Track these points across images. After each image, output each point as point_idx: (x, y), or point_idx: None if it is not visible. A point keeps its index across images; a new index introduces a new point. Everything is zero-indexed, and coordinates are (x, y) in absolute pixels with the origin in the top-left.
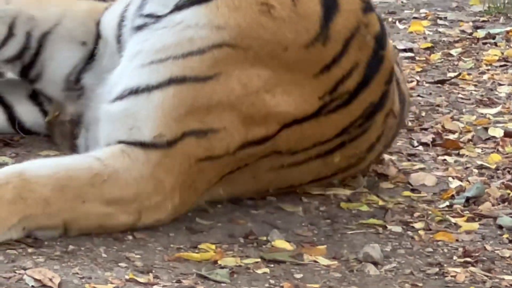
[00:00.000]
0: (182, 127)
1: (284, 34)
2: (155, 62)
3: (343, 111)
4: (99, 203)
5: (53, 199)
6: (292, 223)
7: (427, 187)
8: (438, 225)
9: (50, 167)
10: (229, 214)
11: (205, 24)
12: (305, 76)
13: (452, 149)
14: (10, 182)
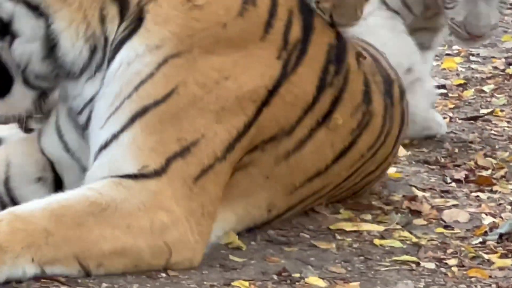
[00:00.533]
0: (163, 154)
1: (216, 14)
2: (113, 113)
3: (306, 60)
4: (109, 230)
5: (53, 229)
6: (326, 260)
7: (460, 224)
8: (471, 261)
9: (40, 203)
10: (262, 251)
11: (144, 50)
12: (253, 43)
13: (485, 185)
14: (2, 220)
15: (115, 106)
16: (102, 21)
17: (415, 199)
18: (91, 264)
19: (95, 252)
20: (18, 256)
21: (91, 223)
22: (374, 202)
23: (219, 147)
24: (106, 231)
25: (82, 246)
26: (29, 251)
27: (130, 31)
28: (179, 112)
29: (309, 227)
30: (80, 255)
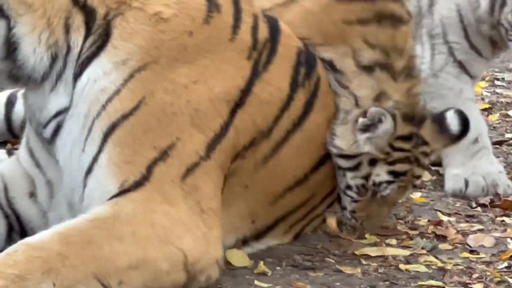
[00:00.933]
0: (141, 163)
1: (182, 24)
2: (87, 136)
3: (277, 59)
4: (117, 244)
5: (66, 251)
6: (351, 285)
7: (485, 248)
8: (496, 286)
9: (47, 231)
10: (287, 276)
11: (111, 68)
12: (221, 46)
13: (510, 210)
14: (17, 250)
15: (87, 128)
16: (66, 30)
17: (440, 223)
18: (112, 282)
19: (112, 269)
20: (40, 282)
21: (98, 238)
22: (399, 227)
23: (199, 147)
24: (115, 245)
25: (98, 264)
26: (49, 276)
27: (97, 47)
28: (150, 121)
29: (334, 252)
30: (98, 273)
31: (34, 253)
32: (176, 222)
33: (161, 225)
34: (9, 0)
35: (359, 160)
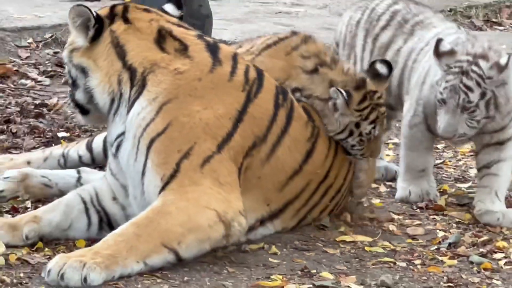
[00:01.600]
0: (172, 162)
1: (193, 74)
2: (136, 150)
3: (263, 90)
4: (170, 220)
5: (139, 231)
6: (333, 261)
7: (422, 236)
8: (430, 261)
9: (126, 223)
10: (290, 255)
11: (147, 104)
12: (223, 84)
13: (439, 211)
14: (108, 238)
15: (136, 144)
16: (119, 83)
17: (392, 220)
18: (174, 245)
19: (171, 235)
20: (126, 258)
21: (156, 218)
22: (365, 222)
23: (211, 146)
24: (168, 220)
25: (161, 235)
26: (131, 252)
27: (138, 93)
28: (175, 135)
29: (322, 239)
30: (163, 241)
31: (119, 238)
32: (203, 194)
33: (193, 198)
34: (90, 64)
35: (348, 129)
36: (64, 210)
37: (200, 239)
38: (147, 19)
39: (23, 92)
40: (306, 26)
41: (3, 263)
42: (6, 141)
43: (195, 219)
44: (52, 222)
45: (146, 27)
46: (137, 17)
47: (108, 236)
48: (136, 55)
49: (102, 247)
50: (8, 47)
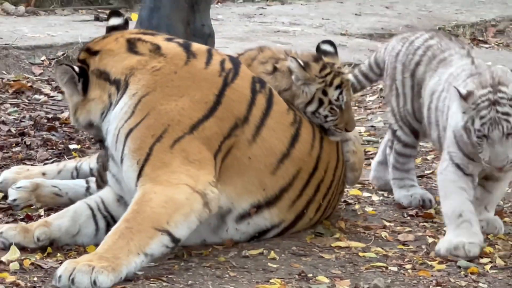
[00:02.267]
0: (145, 147)
1: (169, 68)
2: (116, 139)
3: (239, 78)
4: (152, 203)
5: (129, 225)
6: (328, 266)
7: (413, 242)
8: (420, 266)
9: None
10: (288, 260)
11: (128, 99)
12: (198, 73)
13: (428, 218)
14: (106, 240)
15: (117, 135)
16: (109, 96)
17: (384, 227)
18: (164, 225)
19: (158, 217)
20: (128, 254)
21: (141, 207)
22: (359, 229)
23: (184, 128)
24: (150, 204)
25: (149, 220)
26: (129, 246)
27: (121, 94)
28: (151, 122)
29: (318, 245)
30: (153, 225)
31: (114, 236)
32: (173, 172)
33: (165, 179)
34: (88, 111)
35: (317, 98)
36: (72, 216)
37: (184, 213)
38: (113, 40)
39: (37, 107)
40: (302, 44)
41: (18, 268)
42: (20, 152)
43: (173, 197)
44: (61, 228)
45: (114, 45)
46: (102, 44)
47: (106, 238)
48: (116, 69)
49: (103, 250)
50: (22, 64)
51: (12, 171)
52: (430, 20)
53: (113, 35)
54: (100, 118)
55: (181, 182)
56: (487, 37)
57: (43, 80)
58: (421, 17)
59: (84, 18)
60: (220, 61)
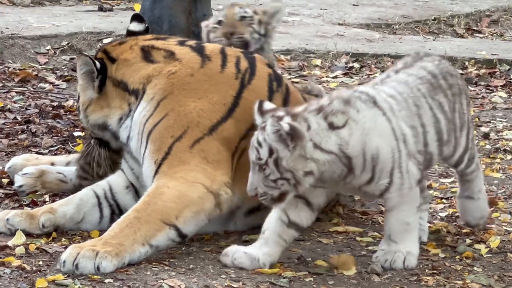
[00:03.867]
0: (164, 147)
1: (185, 71)
2: (139, 141)
3: (256, 78)
4: (164, 197)
5: (138, 214)
6: (327, 250)
7: None
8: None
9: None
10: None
11: (146, 104)
12: (215, 76)
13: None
14: (114, 227)
15: (140, 137)
16: (129, 105)
17: (381, 212)
18: (172, 219)
19: (168, 211)
20: (133, 243)
21: (152, 199)
22: (356, 214)
23: (203, 129)
24: (162, 198)
25: (159, 213)
26: (135, 235)
27: (139, 100)
28: (170, 123)
29: (317, 230)
30: (162, 218)
31: (123, 224)
32: (190, 171)
33: (181, 176)
34: (104, 114)
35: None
36: (77, 203)
37: (195, 211)
38: (127, 48)
39: (42, 95)
40: (301, 34)
41: (24, 252)
42: (26, 139)
43: (186, 194)
44: (66, 214)
45: (129, 54)
46: (118, 51)
47: (114, 225)
48: (134, 79)
49: (109, 236)
50: (28, 53)
51: (21, 158)
52: (426, 10)
53: (128, 42)
54: (118, 124)
55: (197, 180)
56: (481, 27)
57: (48, 69)
58: (417, 7)
59: (88, 8)
60: (235, 62)
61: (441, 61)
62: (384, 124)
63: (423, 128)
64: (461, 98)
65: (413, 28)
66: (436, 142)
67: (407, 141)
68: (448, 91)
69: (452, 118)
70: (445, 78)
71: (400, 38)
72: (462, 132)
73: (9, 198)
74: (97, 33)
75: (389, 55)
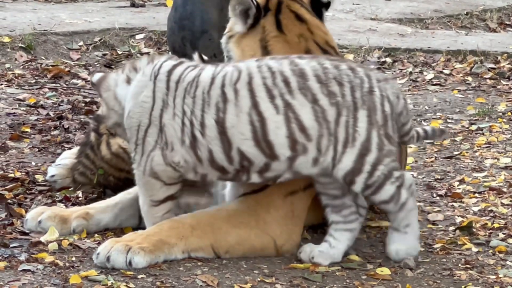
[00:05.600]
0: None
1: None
2: None
3: None
4: (230, 227)
5: (195, 226)
6: (360, 245)
7: (441, 222)
8: (449, 245)
9: (187, 214)
10: (320, 240)
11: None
12: None
13: (457, 198)
14: (165, 223)
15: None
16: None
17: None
18: (221, 251)
19: (224, 242)
20: (173, 246)
21: (219, 221)
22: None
23: (302, 183)
24: (230, 228)
25: (215, 238)
26: (180, 241)
27: None
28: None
29: None
30: (213, 244)
31: (174, 224)
32: (273, 220)
33: (263, 220)
34: (236, 54)
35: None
36: (116, 213)
37: (247, 253)
38: (297, 33)
39: (74, 91)
40: (333, 29)
41: (57, 248)
42: (59, 135)
43: (251, 240)
44: (100, 223)
45: (294, 43)
46: (289, 27)
47: (163, 222)
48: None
49: (154, 232)
50: (60, 49)
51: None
52: (458, 5)
53: (303, 26)
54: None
55: (272, 233)
56: None
57: (81, 65)
58: (449, 1)
59: (120, 4)
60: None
61: (340, 67)
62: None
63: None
64: (357, 114)
65: (446, 23)
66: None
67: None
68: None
69: (327, 127)
70: (327, 85)
71: (432, 33)
72: (346, 149)
73: (42, 194)
74: (129, 29)
75: (421, 49)
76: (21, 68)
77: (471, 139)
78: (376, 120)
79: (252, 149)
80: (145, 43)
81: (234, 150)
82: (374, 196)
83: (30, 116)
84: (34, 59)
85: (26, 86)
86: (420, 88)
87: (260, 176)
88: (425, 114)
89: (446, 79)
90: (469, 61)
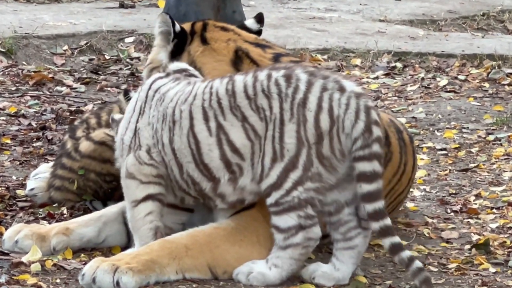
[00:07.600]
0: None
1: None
2: None
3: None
4: (229, 245)
5: (191, 245)
6: (368, 265)
7: (456, 240)
8: (464, 265)
9: (182, 232)
10: (326, 259)
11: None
12: None
13: (473, 214)
14: (155, 243)
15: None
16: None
17: (427, 224)
18: (219, 271)
19: (222, 262)
20: (166, 266)
21: (217, 239)
22: (400, 226)
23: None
24: (228, 246)
25: (212, 257)
26: (173, 261)
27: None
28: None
29: None
30: (210, 263)
31: (167, 244)
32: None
33: (264, 235)
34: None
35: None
36: (100, 227)
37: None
38: (225, 39)
39: (59, 99)
40: (339, 32)
41: (40, 269)
42: (42, 147)
43: (253, 257)
44: (83, 238)
45: (222, 48)
46: (214, 37)
47: (156, 241)
48: (212, 77)
49: (144, 252)
50: (43, 54)
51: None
52: (474, 5)
53: (230, 32)
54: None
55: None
56: None
57: (65, 71)
58: (464, 2)
59: (109, 5)
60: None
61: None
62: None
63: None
64: (284, 128)
65: (460, 25)
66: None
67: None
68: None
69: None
70: (255, 100)
71: (446, 35)
72: (274, 163)
73: (24, 210)
74: (118, 31)
75: (434, 53)
76: (0, 74)
77: (488, 150)
78: (307, 137)
79: (195, 172)
80: (135, 47)
81: (185, 173)
82: (273, 216)
83: (10, 127)
84: (15, 65)
85: (7, 94)
86: (432, 96)
87: (222, 202)
88: (438, 124)
89: (461, 85)
90: (486, 66)
